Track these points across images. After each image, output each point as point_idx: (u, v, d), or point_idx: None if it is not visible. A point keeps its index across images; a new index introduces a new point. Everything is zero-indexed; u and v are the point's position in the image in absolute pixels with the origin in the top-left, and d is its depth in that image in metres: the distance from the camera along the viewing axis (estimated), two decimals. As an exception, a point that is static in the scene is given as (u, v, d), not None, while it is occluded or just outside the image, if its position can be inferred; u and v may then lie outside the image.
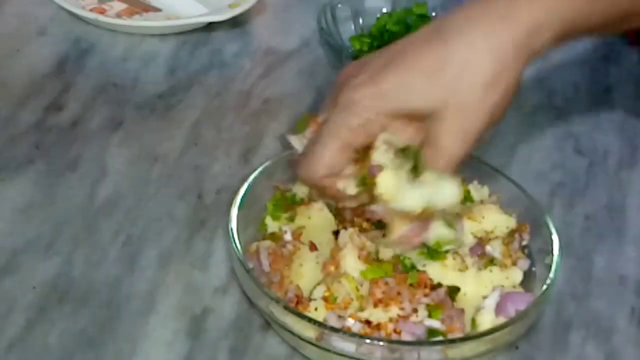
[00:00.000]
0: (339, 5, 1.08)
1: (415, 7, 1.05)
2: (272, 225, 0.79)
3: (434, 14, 1.05)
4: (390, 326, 0.69)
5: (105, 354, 0.72)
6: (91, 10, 1.10)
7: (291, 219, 0.79)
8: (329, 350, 0.68)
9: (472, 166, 0.83)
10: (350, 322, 0.69)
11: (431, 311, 0.71)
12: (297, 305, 0.70)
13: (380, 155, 0.69)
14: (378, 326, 0.69)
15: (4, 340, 0.72)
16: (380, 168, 0.69)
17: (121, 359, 0.72)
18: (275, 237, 0.77)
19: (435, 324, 0.70)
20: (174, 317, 0.75)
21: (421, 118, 0.68)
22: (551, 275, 0.73)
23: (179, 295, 0.77)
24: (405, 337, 0.69)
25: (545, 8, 0.65)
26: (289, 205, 0.80)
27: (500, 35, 0.65)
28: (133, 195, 0.86)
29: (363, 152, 0.70)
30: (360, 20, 1.09)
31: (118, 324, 0.74)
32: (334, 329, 0.68)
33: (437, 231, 0.72)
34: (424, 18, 1.04)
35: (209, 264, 0.80)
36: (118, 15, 1.11)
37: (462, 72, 0.65)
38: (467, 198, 0.81)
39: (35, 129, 0.93)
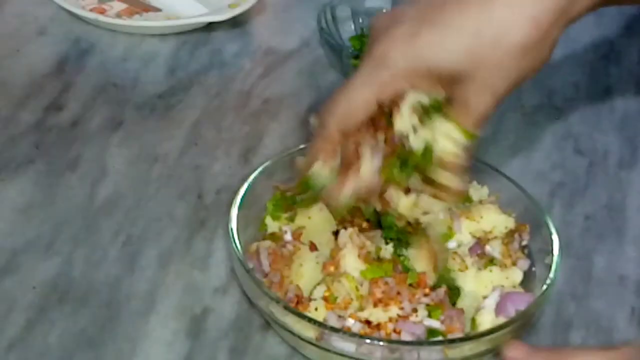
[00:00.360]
0: (339, 5, 1.08)
1: (415, 7, 1.05)
2: (272, 225, 0.79)
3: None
4: (390, 326, 0.69)
5: (105, 354, 0.72)
6: (91, 10, 1.10)
7: (291, 219, 0.79)
8: (329, 351, 0.68)
9: (472, 166, 0.83)
10: (350, 322, 0.69)
11: (431, 311, 0.71)
12: (297, 305, 0.70)
13: (403, 122, 0.68)
14: (378, 326, 0.69)
15: (4, 340, 0.72)
16: (401, 138, 0.68)
17: (121, 359, 0.72)
18: (275, 237, 0.77)
19: (435, 323, 0.70)
20: (174, 317, 0.75)
21: (450, 81, 0.67)
22: (551, 275, 0.73)
23: (179, 295, 0.77)
24: (405, 337, 0.69)
25: None
26: (289, 205, 0.80)
27: (542, 0, 0.65)
28: (133, 195, 0.86)
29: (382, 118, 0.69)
30: (360, 20, 1.08)
31: (118, 324, 0.74)
32: (334, 329, 0.68)
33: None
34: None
35: (209, 264, 0.80)
36: (118, 15, 1.11)
37: (501, 34, 0.65)
38: (466, 198, 0.81)
39: (35, 129, 0.93)
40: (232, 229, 0.74)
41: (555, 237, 0.76)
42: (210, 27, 1.10)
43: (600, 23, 1.18)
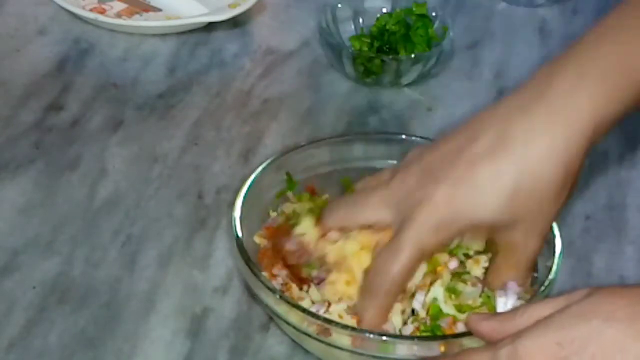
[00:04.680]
0: (339, 5, 1.08)
1: (415, 7, 1.05)
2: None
3: (433, 14, 1.05)
4: None
5: (105, 354, 0.72)
6: (91, 10, 1.10)
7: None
8: (329, 344, 0.68)
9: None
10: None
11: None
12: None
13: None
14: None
15: (4, 340, 0.72)
16: None
17: (121, 359, 0.72)
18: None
19: None
20: (174, 317, 0.75)
21: (492, 229, 0.69)
22: (551, 275, 0.73)
23: (179, 295, 0.77)
24: None
25: (605, 97, 0.66)
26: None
27: (567, 142, 0.65)
28: (133, 195, 0.86)
29: None
30: (360, 20, 1.08)
31: (118, 324, 0.74)
32: (328, 321, 0.67)
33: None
34: (424, 18, 1.04)
35: (209, 264, 0.80)
36: (118, 15, 1.11)
37: (535, 187, 0.66)
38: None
39: (35, 129, 0.93)
40: (234, 217, 0.74)
41: (557, 239, 0.75)
42: (210, 27, 1.10)
43: (600, 23, 1.18)
